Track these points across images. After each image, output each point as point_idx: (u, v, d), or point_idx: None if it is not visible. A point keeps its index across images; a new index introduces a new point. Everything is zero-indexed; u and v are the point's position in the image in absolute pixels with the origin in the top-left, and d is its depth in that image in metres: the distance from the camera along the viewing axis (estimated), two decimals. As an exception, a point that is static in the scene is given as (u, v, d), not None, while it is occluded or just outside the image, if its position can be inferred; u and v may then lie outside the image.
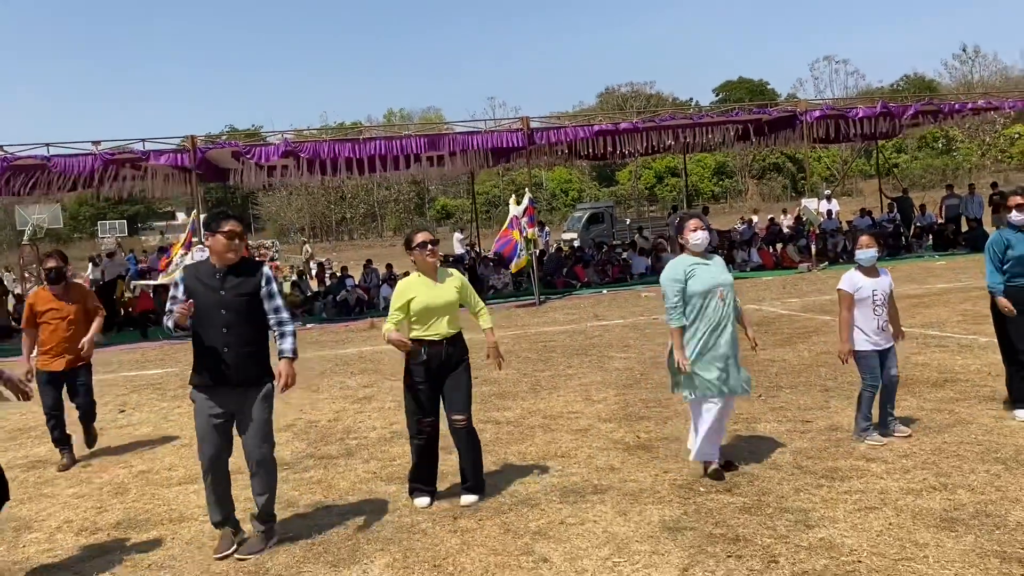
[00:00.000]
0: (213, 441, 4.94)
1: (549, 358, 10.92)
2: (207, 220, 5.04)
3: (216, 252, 4.97)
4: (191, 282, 4.99)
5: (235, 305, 4.93)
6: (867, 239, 6.31)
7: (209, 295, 4.92)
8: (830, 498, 5.11)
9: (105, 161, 16.67)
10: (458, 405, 5.47)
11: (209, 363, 4.90)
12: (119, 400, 10.46)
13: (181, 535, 5.35)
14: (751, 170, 64.99)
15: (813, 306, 14.07)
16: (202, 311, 4.91)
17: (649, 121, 19.61)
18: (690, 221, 5.82)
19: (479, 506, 5.44)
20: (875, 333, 6.20)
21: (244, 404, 4.96)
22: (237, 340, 4.91)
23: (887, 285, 6.26)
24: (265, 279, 5.08)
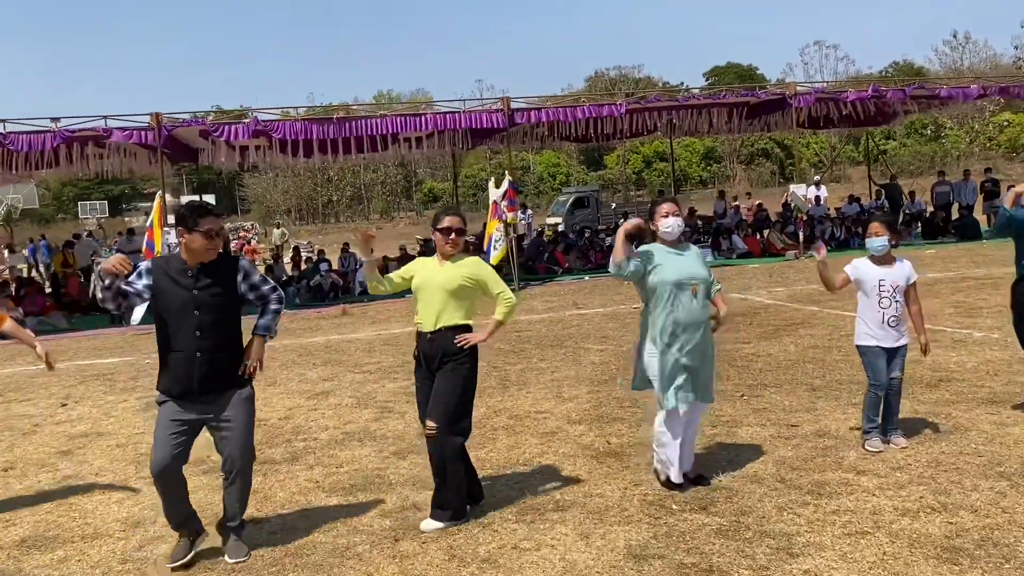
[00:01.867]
0: (168, 451, 4.42)
1: (522, 350, 10.35)
2: (183, 214, 4.43)
3: (192, 251, 4.40)
4: (159, 279, 4.44)
5: (210, 305, 4.41)
6: (877, 226, 5.70)
7: (180, 294, 4.38)
8: (817, 519, 4.56)
9: (65, 138, 15.92)
10: (435, 409, 4.77)
11: (179, 371, 4.38)
12: (64, 392, 9.84)
13: (89, 556, 4.75)
14: (739, 155, 64.43)
15: (800, 295, 13.55)
16: (172, 312, 4.37)
17: (634, 103, 18.99)
18: (662, 205, 5.23)
19: (420, 527, 4.85)
20: (879, 327, 5.63)
21: (221, 407, 4.46)
22: (211, 345, 4.39)
23: (902, 276, 5.63)
24: (243, 274, 4.56)
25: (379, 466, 6.09)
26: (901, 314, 5.62)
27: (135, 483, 6.11)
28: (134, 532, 5.10)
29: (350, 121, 17.03)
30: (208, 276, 4.45)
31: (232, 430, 4.50)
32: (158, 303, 4.45)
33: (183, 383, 4.39)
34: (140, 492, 5.88)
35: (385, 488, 5.60)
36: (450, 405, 4.77)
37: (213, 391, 4.44)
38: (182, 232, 4.43)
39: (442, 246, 4.94)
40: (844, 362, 8.32)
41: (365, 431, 7.09)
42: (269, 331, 4.66)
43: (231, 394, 4.51)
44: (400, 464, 6.08)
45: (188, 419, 4.44)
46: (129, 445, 7.20)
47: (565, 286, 17.78)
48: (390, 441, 6.72)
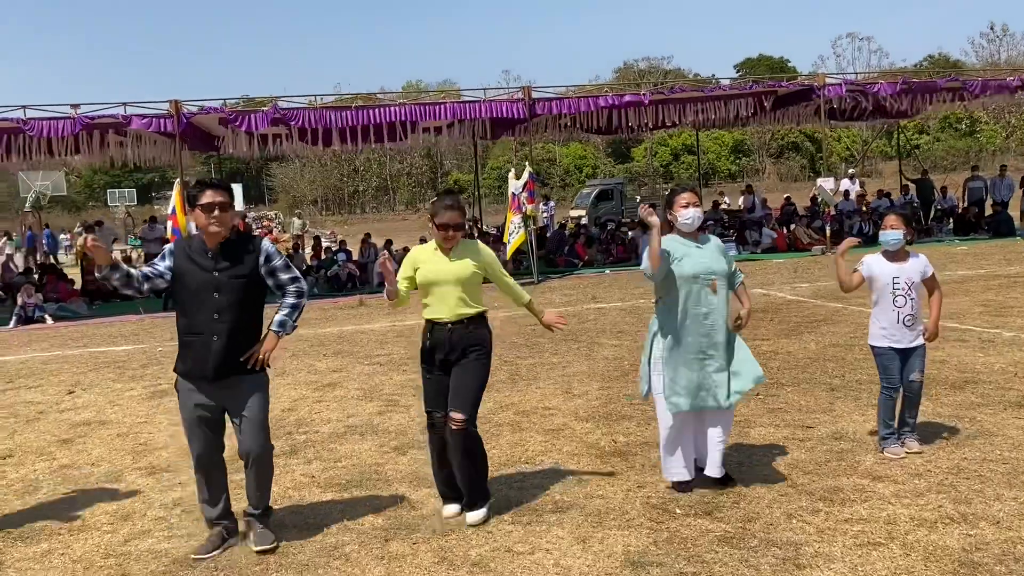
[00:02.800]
0: (202, 436, 4.37)
1: (536, 344, 10.14)
2: (190, 192, 4.35)
3: (200, 228, 4.29)
4: (181, 260, 4.33)
5: (230, 288, 4.29)
6: (892, 219, 5.40)
7: (201, 275, 4.28)
8: (827, 528, 4.32)
9: (85, 125, 15.91)
10: (457, 401, 4.59)
11: (196, 353, 4.28)
12: (74, 379, 9.79)
13: (72, 549, 4.62)
14: (769, 149, 63.62)
15: (824, 292, 13.20)
16: (192, 293, 4.27)
17: (657, 93, 18.65)
18: (682, 195, 4.98)
19: (417, 526, 4.67)
20: (893, 327, 5.34)
21: (237, 395, 4.34)
22: (230, 328, 4.28)
23: (916, 272, 5.34)
24: (265, 256, 4.40)
25: (378, 461, 5.93)
26: (917, 312, 5.34)
27: (130, 474, 5.99)
28: (122, 525, 4.97)
29: (369, 109, 16.87)
30: (229, 257, 4.33)
31: (248, 419, 4.39)
32: (178, 284, 4.35)
33: (199, 367, 4.30)
34: (133, 484, 5.76)
35: (382, 485, 5.43)
36: (476, 397, 4.67)
37: (228, 376, 4.31)
38: (191, 211, 4.32)
39: (440, 242, 4.72)
40: (866, 361, 7.99)
41: (368, 424, 6.93)
42: (283, 328, 4.47)
43: (246, 381, 4.39)
44: (399, 460, 5.91)
45: (209, 406, 4.35)
46: (130, 435, 7.10)
47: (585, 279, 17.54)
48: (392, 435, 6.55)
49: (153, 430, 7.20)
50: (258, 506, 4.55)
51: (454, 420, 4.58)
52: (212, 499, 4.51)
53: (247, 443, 4.42)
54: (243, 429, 4.41)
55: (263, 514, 4.57)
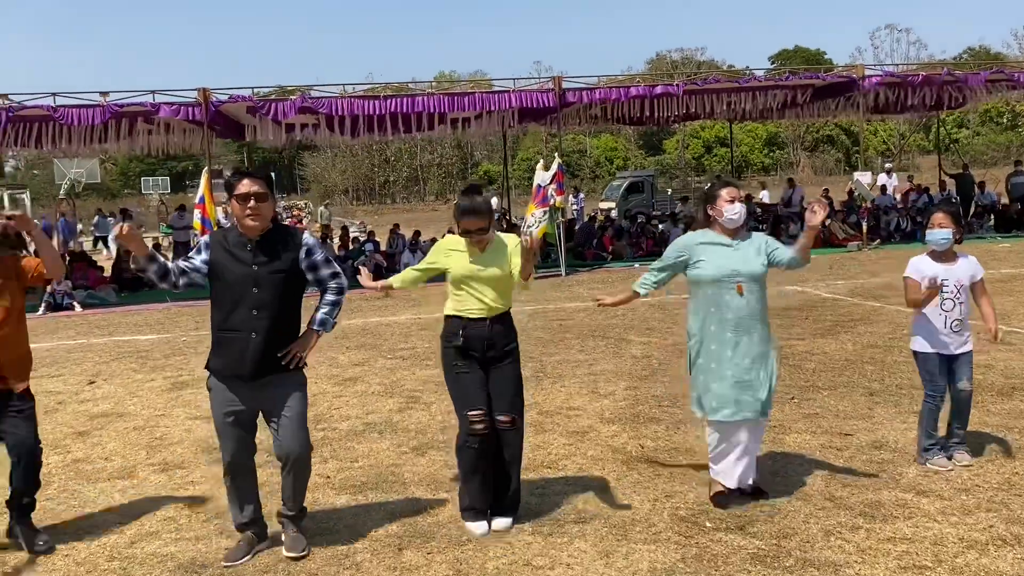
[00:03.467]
0: (234, 438, 4.17)
1: (562, 339, 9.90)
2: (226, 181, 4.16)
3: (237, 219, 4.09)
4: (218, 253, 4.12)
5: (269, 283, 4.08)
6: (940, 217, 5.03)
7: (239, 269, 4.07)
8: (868, 548, 4.04)
9: (114, 113, 15.89)
10: (504, 402, 4.44)
11: (233, 350, 4.08)
12: (96, 369, 9.71)
13: (77, 551, 4.46)
14: (803, 142, 62.63)
15: (861, 290, 12.81)
16: (229, 288, 4.07)
17: (690, 83, 18.25)
18: (726, 190, 4.65)
19: (433, 534, 4.46)
20: (941, 332, 5.02)
21: (275, 395, 4.14)
22: (268, 326, 4.06)
23: (966, 274, 5.01)
24: (306, 250, 4.19)
25: (396, 462, 5.73)
26: (966, 316, 5.01)
27: (143, 470, 5.85)
28: (130, 526, 4.82)
29: (398, 99, 16.67)
30: (268, 251, 4.11)
31: (285, 419, 4.18)
32: (215, 278, 4.14)
33: (236, 365, 4.09)
34: (145, 481, 5.62)
35: (398, 488, 5.23)
36: (520, 397, 4.52)
37: (266, 375, 4.11)
38: (228, 201, 4.15)
39: (470, 246, 4.48)
40: (906, 364, 7.66)
41: (387, 422, 6.74)
42: (324, 327, 4.28)
43: (285, 380, 4.19)
44: (418, 461, 5.71)
45: (243, 408, 4.15)
46: (146, 428, 6.97)
47: (613, 273, 17.23)
48: (411, 435, 6.35)
49: (170, 424, 7.06)
50: (293, 508, 4.35)
51: (503, 422, 4.42)
52: (242, 503, 4.32)
53: (287, 444, 4.21)
54: (282, 429, 4.20)
55: (298, 516, 4.37)
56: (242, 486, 4.31)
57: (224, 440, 4.23)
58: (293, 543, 4.26)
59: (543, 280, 16.25)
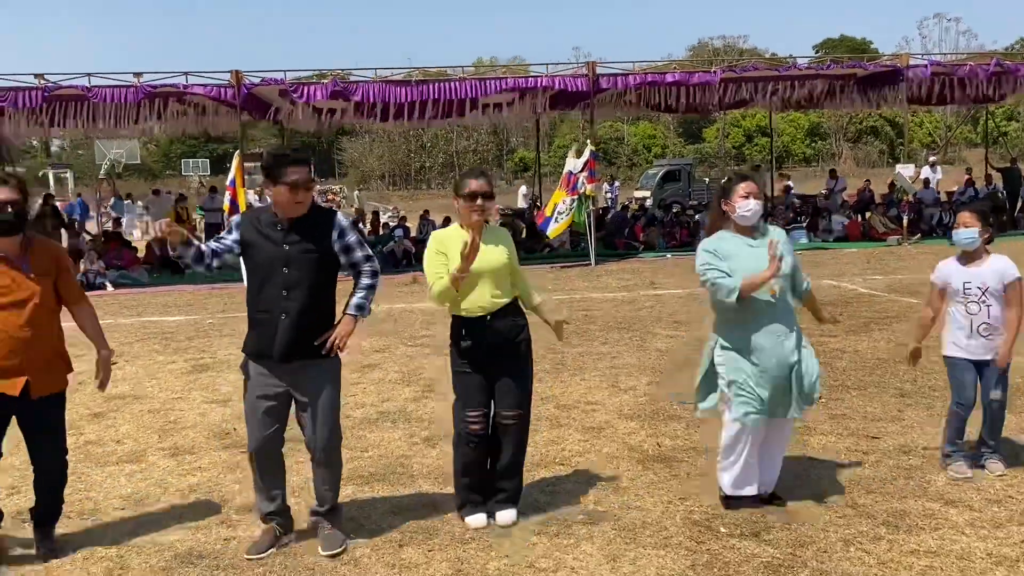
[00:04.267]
0: (263, 423, 4.06)
1: (586, 331, 9.71)
2: (269, 165, 4.01)
3: (279, 205, 3.98)
4: (249, 233, 4.04)
5: (300, 263, 3.97)
6: (966, 216, 4.77)
7: (270, 249, 3.98)
8: (890, 560, 3.83)
9: (147, 94, 15.95)
10: (509, 398, 4.31)
11: (264, 332, 3.99)
12: (120, 350, 9.71)
13: (75, 538, 4.40)
14: (846, 133, 61.46)
15: (899, 286, 12.44)
16: (260, 268, 3.98)
17: (728, 71, 17.85)
18: (741, 184, 4.38)
19: (436, 531, 4.33)
20: (967, 336, 4.80)
21: (307, 381, 4.04)
22: (299, 307, 3.96)
23: (994, 276, 4.73)
24: (339, 231, 4.08)
25: (406, 453, 5.62)
26: (995, 321, 4.74)
27: (153, 454, 5.80)
28: (133, 510, 4.77)
29: (430, 84, 16.53)
30: (300, 231, 4.00)
31: (317, 407, 4.08)
32: (247, 259, 4.07)
33: (266, 347, 4.00)
34: (154, 465, 5.57)
35: (405, 480, 5.11)
36: (528, 391, 4.39)
37: (297, 359, 4.00)
38: (267, 184, 4.01)
39: (469, 215, 4.27)
40: (941, 365, 7.36)
41: (401, 411, 6.63)
42: (361, 311, 4.15)
43: (319, 367, 4.08)
44: (428, 453, 5.59)
45: (276, 392, 4.05)
46: (161, 411, 6.93)
47: (645, 263, 16.98)
48: (424, 424, 6.24)
49: (185, 407, 7.02)
50: (324, 503, 4.24)
51: (509, 416, 4.30)
52: (267, 492, 4.21)
53: (317, 434, 4.11)
54: (312, 419, 4.10)
55: (331, 512, 4.26)
56: (268, 474, 4.20)
57: (253, 425, 4.11)
58: (330, 541, 4.13)
59: (571, 269, 16.06)
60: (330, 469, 4.22)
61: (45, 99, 15.65)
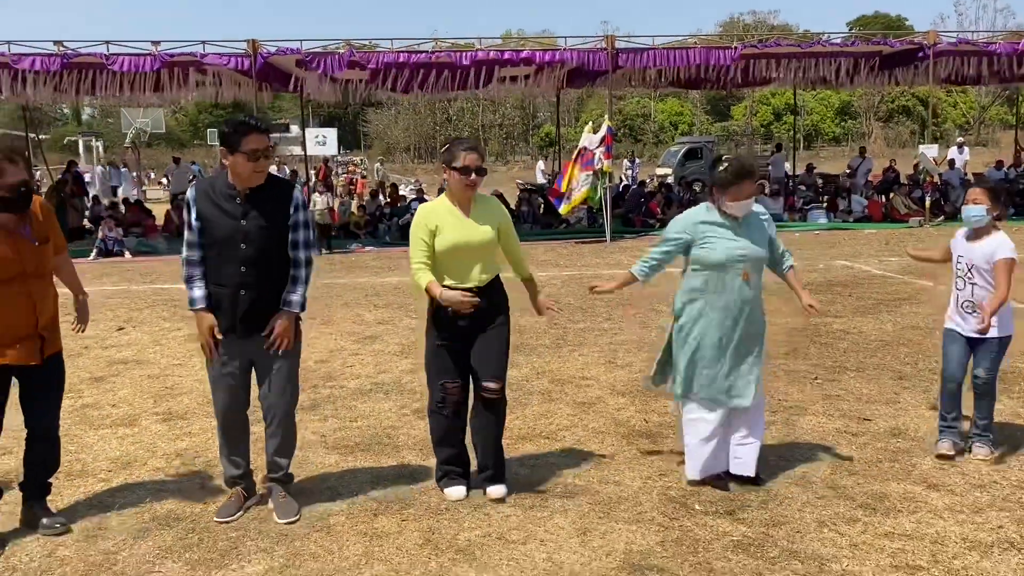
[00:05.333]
0: (228, 391, 4.10)
1: (591, 307, 9.68)
2: (226, 133, 3.94)
3: (237, 175, 3.92)
4: (205, 206, 3.95)
5: (258, 238, 3.94)
6: (976, 192, 4.72)
7: (227, 224, 3.93)
8: (862, 542, 3.80)
9: (165, 62, 16.00)
10: (490, 368, 4.27)
11: (223, 305, 3.98)
12: (127, 316, 9.85)
13: (62, 497, 4.46)
14: (877, 112, 60.42)
15: (914, 267, 12.23)
16: (216, 242, 3.94)
17: (750, 47, 17.55)
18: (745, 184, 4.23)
19: (411, 501, 4.35)
20: (953, 310, 4.83)
21: (264, 353, 4.05)
22: (257, 281, 3.96)
23: (982, 256, 4.65)
24: (295, 205, 4.03)
25: (394, 424, 5.64)
26: (977, 299, 4.68)
27: (146, 419, 5.88)
28: (119, 473, 4.84)
29: (445, 55, 16.42)
30: (258, 205, 3.95)
31: (275, 378, 4.10)
32: (204, 232, 3.98)
33: (227, 319, 3.99)
34: (145, 430, 5.64)
35: (390, 451, 5.14)
36: (506, 362, 4.37)
37: (258, 331, 4.02)
38: (224, 153, 3.95)
39: (461, 189, 4.22)
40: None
41: (395, 383, 6.66)
42: (302, 308, 4.12)
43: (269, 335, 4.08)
44: (416, 424, 5.60)
45: (236, 360, 4.06)
46: (160, 376, 7.02)
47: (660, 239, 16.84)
48: (417, 396, 6.25)
49: (184, 374, 7.09)
50: (278, 471, 4.27)
51: (491, 389, 4.25)
52: (234, 458, 4.26)
53: (273, 402, 4.14)
54: (270, 387, 4.12)
55: (285, 479, 4.30)
56: (235, 441, 4.26)
57: (218, 393, 4.15)
58: (284, 509, 4.16)
59: (585, 246, 15.98)
60: (285, 438, 4.23)
61: (65, 66, 15.75)
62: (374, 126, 70.28)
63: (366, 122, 70.45)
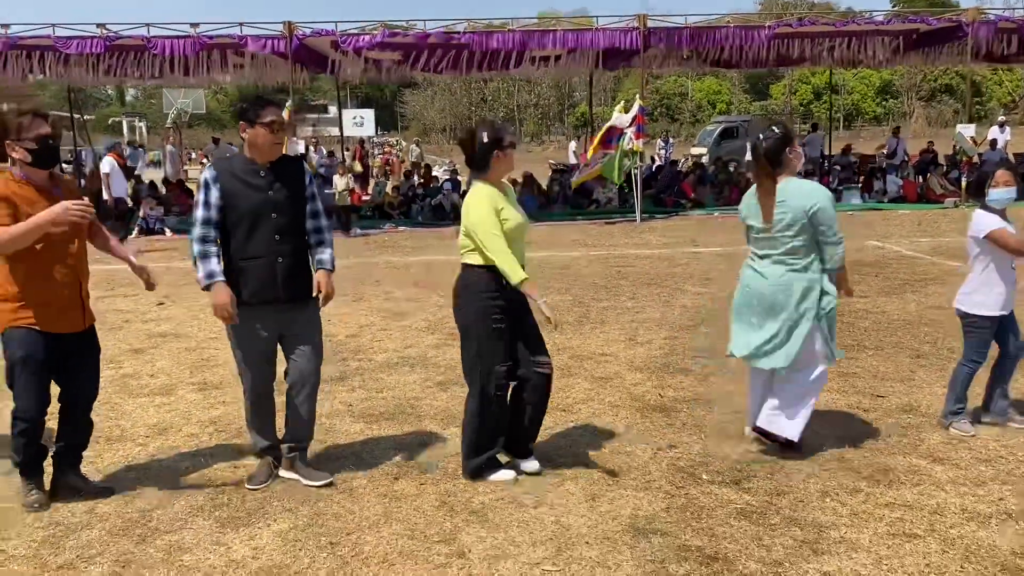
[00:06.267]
0: (261, 364, 4.29)
1: (616, 287, 9.80)
2: (243, 108, 4.17)
3: (257, 148, 4.13)
4: (229, 183, 4.11)
5: (287, 207, 4.18)
6: (1003, 174, 4.75)
7: (256, 196, 4.12)
8: (862, 512, 3.92)
9: (204, 45, 16.31)
10: (541, 345, 4.39)
11: (260, 277, 4.15)
12: (167, 291, 10.17)
13: (102, 459, 4.74)
14: (919, 91, 59.25)
15: (944, 248, 12.17)
16: (247, 215, 4.11)
17: (784, 26, 17.40)
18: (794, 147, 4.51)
19: (428, 467, 4.56)
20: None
21: (294, 322, 4.27)
22: (292, 249, 4.20)
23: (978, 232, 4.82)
24: (309, 178, 4.33)
25: (418, 395, 5.85)
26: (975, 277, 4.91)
27: (182, 388, 6.15)
28: (155, 439, 5.10)
29: (477, 36, 16.52)
30: (280, 176, 4.19)
31: (306, 345, 4.31)
32: (228, 209, 4.12)
33: (267, 291, 4.17)
34: (181, 399, 5.91)
35: (412, 420, 5.35)
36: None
37: (297, 298, 4.25)
38: (244, 127, 4.15)
39: (509, 166, 4.28)
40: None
41: (422, 357, 6.86)
42: (334, 265, 4.39)
43: (307, 307, 4.33)
44: (439, 396, 5.81)
45: (270, 332, 4.25)
46: (197, 349, 7.30)
47: (691, 220, 16.87)
48: (441, 370, 6.46)
49: (220, 346, 7.34)
50: (305, 440, 4.45)
51: (547, 365, 4.40)
52: (265, 429, 4.43)
53: (306, 370, 4.32)
54: (302, 356, 4.31)
55: (306, 448, 4.48)
56: (265, 412, 4.44)
57: (250, 367, 4.30)
58: (315, 475, 4.36)
59: (615, 226, 16.05)
60: (311, 406, 4.41)
61: (107, 48, 16.13)
62: (411, 107, 70.57)
63: (403, 103, 70.77)
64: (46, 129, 3.97)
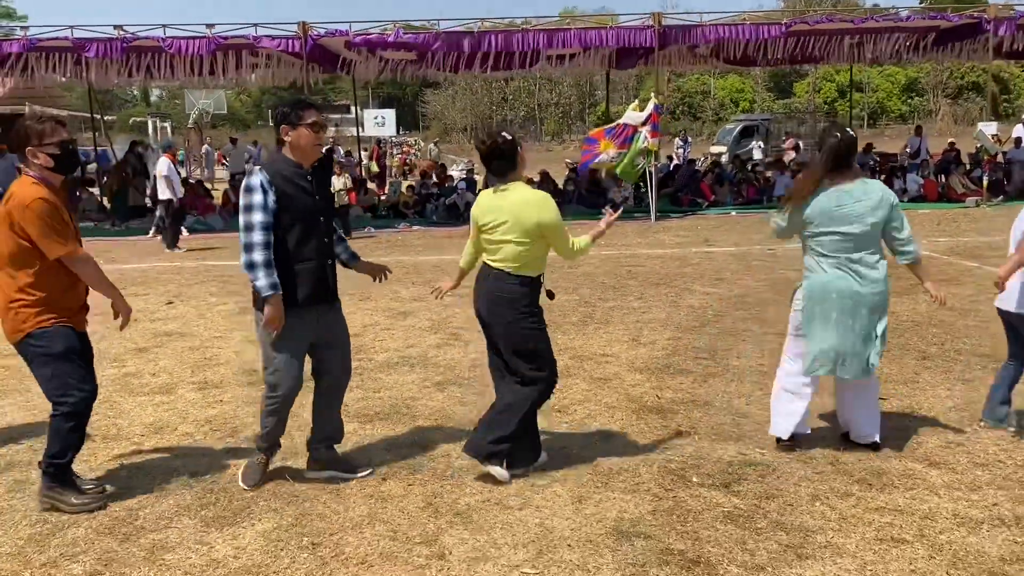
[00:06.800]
0: (298, 369, 4.26)
1: (624, 286, 9.75)
2: (284, 111, 4.13)
3: (301, 148, 4.13)
4: (283, 186, 4.08)
5: (329, 210, 4.32)
6: None
7: (307, 201, 4.14)
8: (851, 516, 3.86)
9: (219, 45, 16.42)
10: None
11: (314, 279, 4.16)
12: (177, 291, 10.25)
13: (96, 457, 4.78)
14: (945, 88, 58.48)
15: (962, 248, 12.00)
16: (300, 219, 4.12)
17: (800, 23, 17.23)
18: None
19: (420, 467, 4.55)
20: None
21: (334, 323, 4.35)
22: (332, 250, 4.33)
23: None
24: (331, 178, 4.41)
25: (414, 395, 5.84)
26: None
27: (183, 387, 6.18)
28: (151, 438, 5.13)
29: (492, 35, 16.50)
30: (321, 180, 4.28)
31: (344, 344, 4.42)
32: (282, 211, 4.07)
33: (321, 293, 4.21)
34: (181, 397, 5.94)
35: (407, 420, 5.34)
36: None
37: (337, 298, 4.36)
38: (286, 130, 4.14)
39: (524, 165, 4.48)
40: (977, 329, 7.23)
41: (422, 357, 6.86)
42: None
43: (339, 307, 4.40)
44: (435, 396, 5.80)
45: (306, 337, 4.25)
46: (201, 348, 7.34)
47: (707, 220, 16.74)
48: (440, 370, 6.45)
49: (224, 346, 7.41)
50: (341, 437, 4.55)
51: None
52: (280, 430, 4.40)
53: (342, 371, 4.43)
54: (339, 357, 4.38)
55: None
56: (285, 416, 4.39)
57: (289, 371, 4.20)
58: (356, 466, 4.48)
59: (628, 225, 15.96)
60: (341, 403, 4.52)
61: (125, 49, 16.29)
62: (432, 107, 70.70)
63: (424, 103, 70.91)
64: (66, 134, 4.09)
